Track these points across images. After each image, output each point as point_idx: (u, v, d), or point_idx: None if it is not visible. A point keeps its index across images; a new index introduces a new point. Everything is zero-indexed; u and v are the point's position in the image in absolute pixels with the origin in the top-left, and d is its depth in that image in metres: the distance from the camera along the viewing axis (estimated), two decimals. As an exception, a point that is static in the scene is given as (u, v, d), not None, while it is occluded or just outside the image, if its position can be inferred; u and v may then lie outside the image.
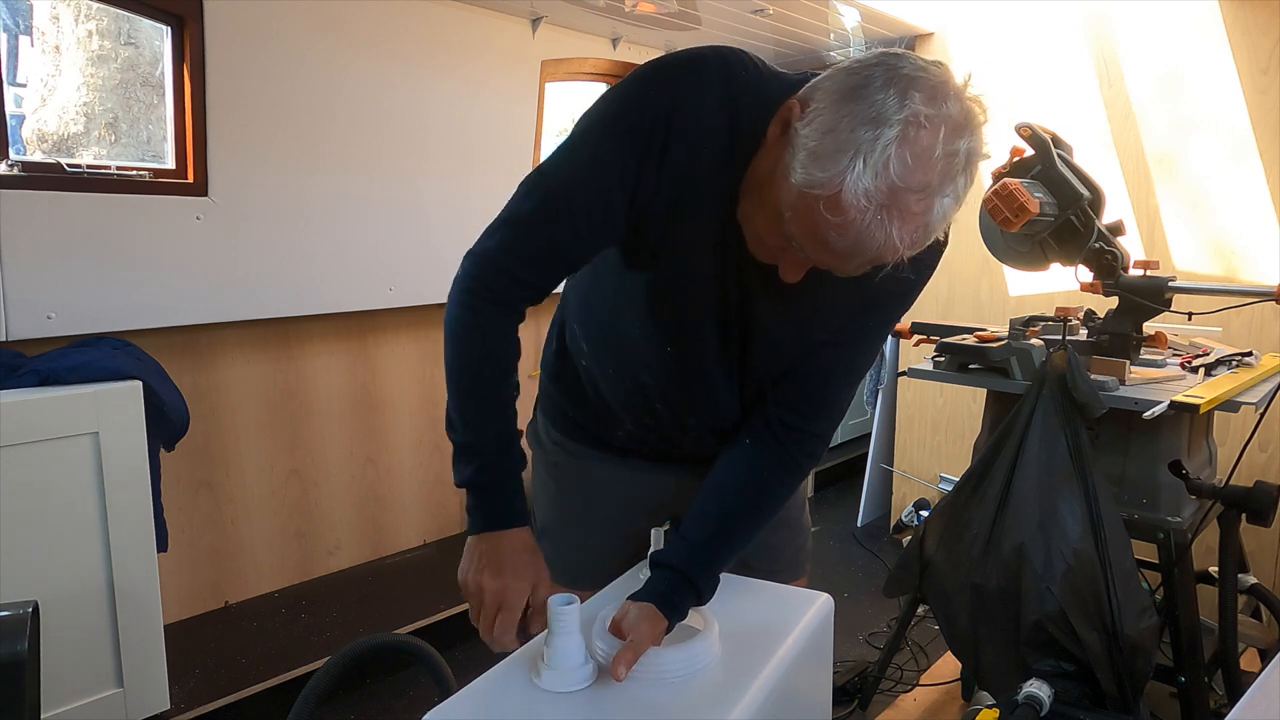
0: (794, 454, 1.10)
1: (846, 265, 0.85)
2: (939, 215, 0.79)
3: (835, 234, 0.80)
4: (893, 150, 0.75)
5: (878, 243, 0.79)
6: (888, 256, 0.81)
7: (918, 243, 0.81)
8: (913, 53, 0.82)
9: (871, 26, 3.15)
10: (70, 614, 1.85)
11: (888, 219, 0.77)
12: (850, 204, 0.77)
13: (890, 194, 0.76)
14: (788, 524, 1.33)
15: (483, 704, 0.92)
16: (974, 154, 0.79)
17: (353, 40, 2.49)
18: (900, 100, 0.76)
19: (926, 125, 0.76)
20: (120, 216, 2.16)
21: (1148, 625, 1.63)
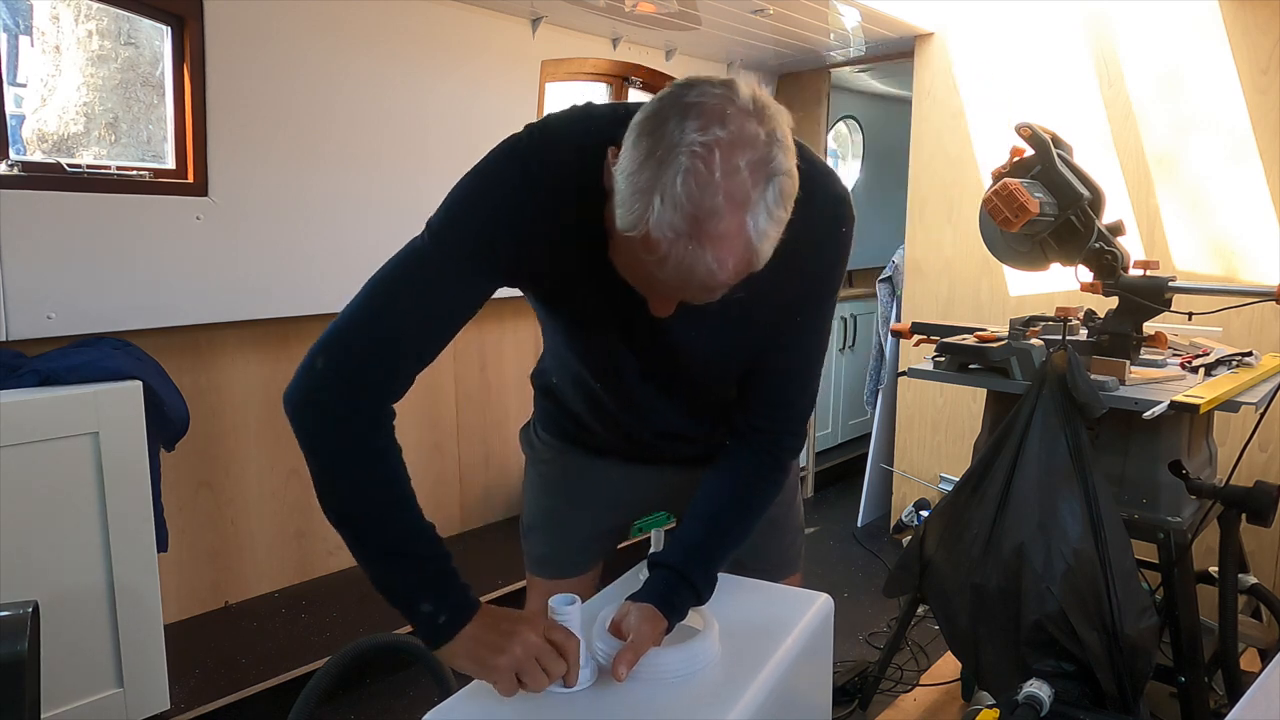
0: (770, 453, 1.13)
1: (690, 297, 0.87)
2: (755, 231, 0.80)
3: (658, 270, 0.82)
4: (680, 182, 0.77)
5: (701, 272, 0.80)
6: (720, 281, 0.82)
7: (747, 261, 0.82)
8: (706, 77, 0.83)
9: (871, 26, 3.15)
10: (70, 614, 1.85)
11: (699, 248, 0.79)
12: (660, 241, 0.79)
13: (692, 224, 0.78)
14: (775, 522, 1.34)
15: (482, 704, 0.92)
16: (761, 166, 0.79)
17: (353, 40, 2.49)
18: (680, 132, 0.78)
19: (703, 151, 0.77)
20: (120, 216, 2.16)
21: (1148, 625, 1.63)
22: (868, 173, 4.75)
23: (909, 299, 3.39)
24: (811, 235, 0.98)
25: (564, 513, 1.36)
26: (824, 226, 1.01)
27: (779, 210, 0.81)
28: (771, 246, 0.83)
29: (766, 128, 0.80)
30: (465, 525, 3.25)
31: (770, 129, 0.81)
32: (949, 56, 3.18)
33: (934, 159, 3.26)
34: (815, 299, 1.07)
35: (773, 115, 0.82)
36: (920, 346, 2.24)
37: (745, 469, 1.12)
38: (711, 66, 3.60)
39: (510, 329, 3.17)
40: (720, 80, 0.82)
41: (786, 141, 0.82)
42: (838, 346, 4.32)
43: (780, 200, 0.81)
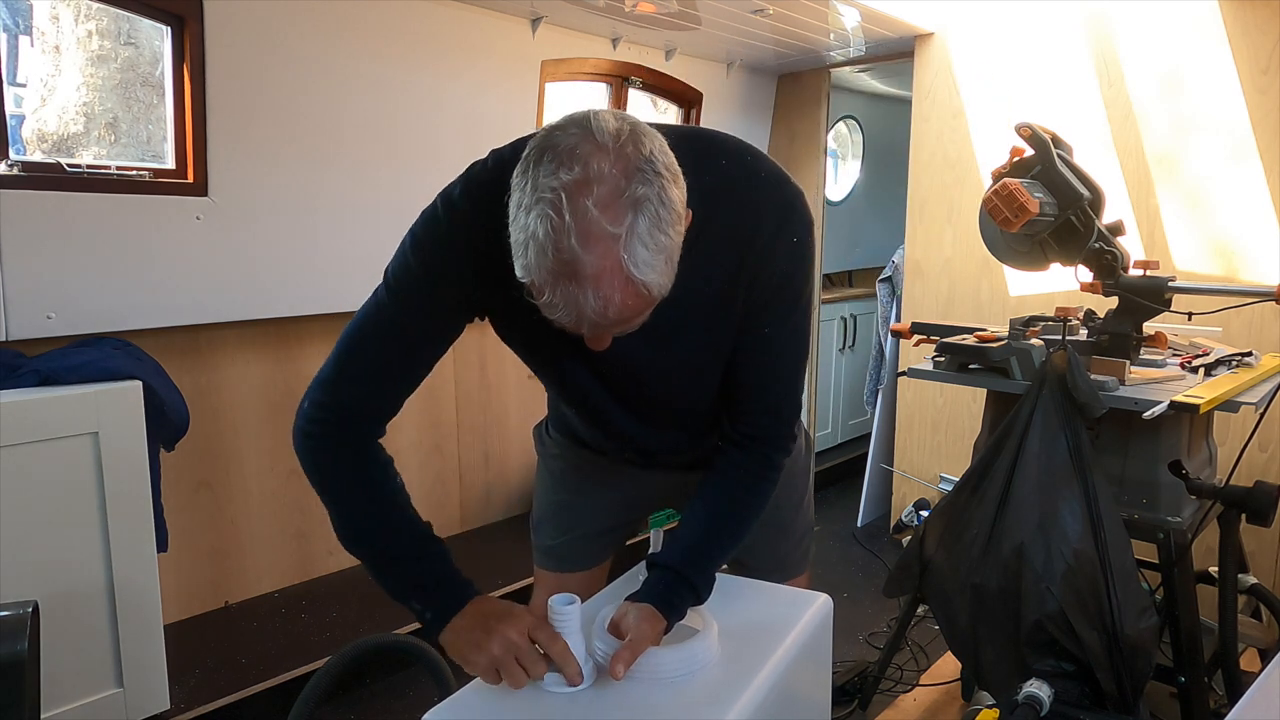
0: (761, 455, 1.14)
1: (606, 332, 0.88)
2: (632, 263, 0.80)
3: (550, 313, 0.83)
4: (540, 229, 0.79)
5: (590, 311, 0.81)
6: (616, 316, 0.82)
7: (635, 293, 0.81)
8: (577, 114, 0.83)
9: (871, 26, 3.15)
10: (70, 614, 1.85)
11: (579, 288, 0.80)
12: (542, 286, 0.81)
13: (560, 267, 0.79)
14: (783, 526, 1.35)
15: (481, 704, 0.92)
16: (613, 200, 0.79)
17: (352, 40, 2.49)
18: (538, 177, 0.80)
19: (553, 196, 0.78)
20: (120, 216, 2.16)
21: (1148, 625, 1.63)
22: (868, 173, 4.75)
23: (909, 299, 3.39)
24: (757, 243, 1.00)
25: (573, 506, 1.38)
26: (774, 233, 1.01)
27: (658, 236, 0.81)
28: (662, 273, 0.82)
29: (624, 161, 0.80)
30: (465, 525, 3.25)
31: (629, 162, 0.80)
32: (949, 56, 3.18)
33: (934, 159, 3.26)
34: (779, 310, 1.06)
35: (635, 145, 0.81)
36: (920, 346, 2.24)
37: (739, 471, 1.13)
38: (711, 66, 3.60)
39: (510, 329, 3.17)
40: (584, 116, 0.83)
41: (656, 168, 0.81)
42: (837, 346, 4.32)
43: (655, 226, 0.80)
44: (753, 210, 1.01)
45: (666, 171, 0.82)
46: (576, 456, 1.36)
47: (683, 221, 0.85)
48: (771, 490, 1.15)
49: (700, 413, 1.18)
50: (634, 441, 1.24)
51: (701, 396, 1.15)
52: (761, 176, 1.02)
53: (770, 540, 1.33)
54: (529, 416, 1.47)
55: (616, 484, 1.35)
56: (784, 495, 1.32)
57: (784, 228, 1.02)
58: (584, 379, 1.11)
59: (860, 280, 4.88)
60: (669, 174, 0.83)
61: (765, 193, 1.02)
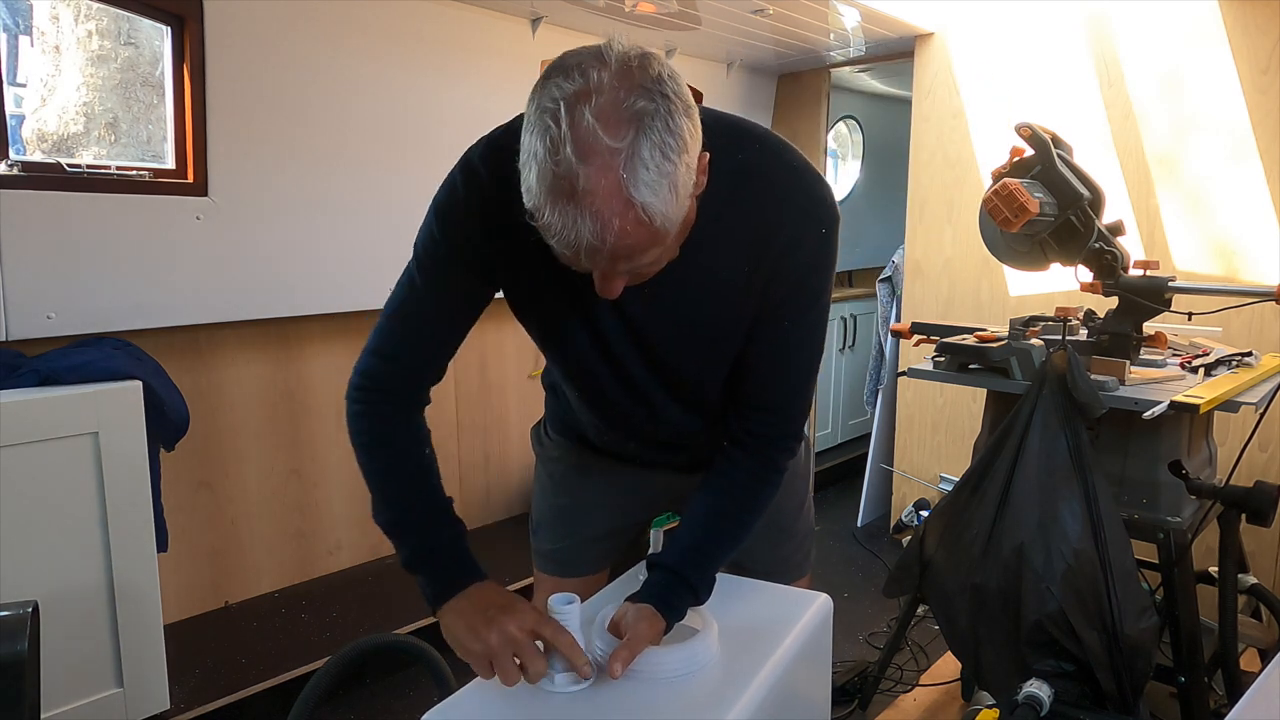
0: (766, 456, 1.13)
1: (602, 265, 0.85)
2: (631, 181, 0.77)
3: (555, 242, 0.81)
4: (538, 145, 0.77)
5: (586, 235, 0.78)
6: (614, 243, 0.79)
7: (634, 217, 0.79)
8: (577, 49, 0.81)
9: (871, 26, 3.15)
10: (70, 614, 1.85)
11: (574, 208, 0.77)
12: (542, 206, 0.79)
13: (556, 184, 0.77)
14: (784, 528, 1.35)
15: (481, 704, 0.92)
16: (614, 112, 0.76)
17: (352, 40, 2.49)
18: (541, 96, 0.79)
19: (552, 107, 0.77)
20: (120, 216, 2.16)
21: (1148, 625, 1.63)
22: (868, 173, 4.75)
23: (909, 299, 3.39)
24: (785, 230, 0.99)
25: (573, 510, 1.36)
26: (800, 224, 1.00)
27: (662, 161, 0.78)
28: (666, 201, 0.79)
29: (628, 77, 0.78)
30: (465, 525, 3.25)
31: (633, 78, 0.78)
32: (949, 56, 3.18)
33: (934, 159, 3.26)
34: (799, 304, 1.05)
35: (643, 66, 0.79)
36: (920, 346, 2.24)
37: (741, 472, 1.12)
38: (711, 66, 3.60)
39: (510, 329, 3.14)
40: (600, 43, 0.81)
41: (664, 90, 0.79)
42: (837, 346, 4.32)
43: (660, 150, 0.78)
44: (781, 198, 0.99)
45: (676, 98, 0.80)
46: (576, 457, 1.34)
47: (693, 156, 0.82)
48: (774, 493, 1.14)
49: (705, 402, 1.16)
50: (635, 430, 1.21)
51: (708, 381, 1.13)
52: (794, 167, 1.01)
53: (771, 542, 1.32)
54: (529, 416, 1.46)
55: (617, 487, 1.33)
56: (785, 497, 1.30)
57: (812, 222, 1.01)
58: (593, 357, 1.09)
59: (860, 280, 4.87)
60: (679, 101, 0.80)
61: (795, 182, 1.00)
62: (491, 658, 0.90)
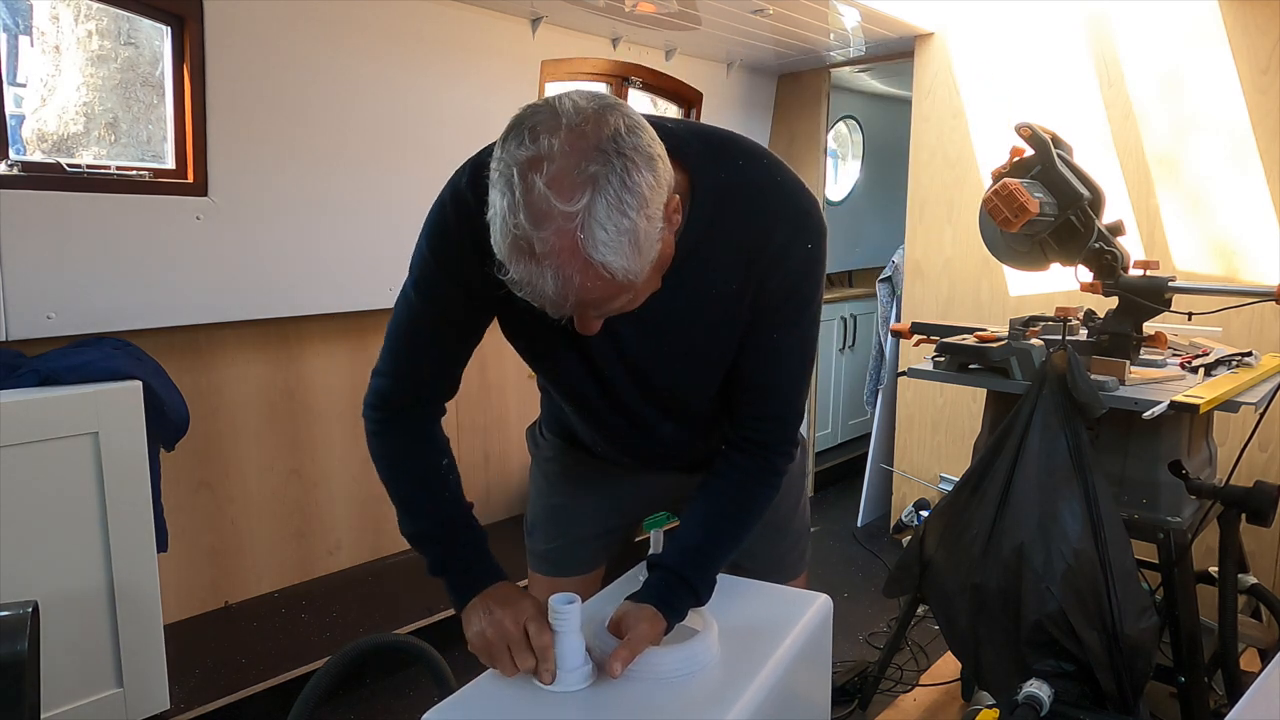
0: (763, 459, 1.13)
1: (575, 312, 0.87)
2: (588, 241, 0.78)
3: (518, 291, 0.83)
4: (500, 206, 0.79)
5: (551, 290, 0.80)
6: (581, 297, 0.82)
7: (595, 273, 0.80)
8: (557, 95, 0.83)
9: (871, 26, 3.15)
10: (70, 614, 1.85)
11: (537, 266, 0.79)
12: (506, 263, 0.81)
13: (516, 245, 0.79)
14: (780, 527, 1.35)
15: (481, 704, 0.92)
16: (566, 178, 0.77)
17: (352, 40, 2.49)
18: (500, 156, 0.80)
19: (507, 172, 0.79)
20: (120, 216, 2.16)
21: (1148, 625, 1.63)
22: (868, 173, 4.75)
23: (909, 299, 3.39)
24: (771, 243, 1.00)
25: (567, 510, 1.37)
26: (787, 236, 1.00)
27: (619, 218, 0.79)
28: (627, 257, 0.80)
29: (580, 139, 0.78)
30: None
31: (585, 140, 0.78)
32: (949, 56, 3.18)
33: (934, 159, 3.26)
34: (787, 316, 1.05)
35: (597, 125, 0.79)
36: (920, 346, 2.24)
37: (740, 475, 1.12)
38: (711, 66, 3.60)
39: (510, 329, 3.17)
40: (562, 94, 0.82)
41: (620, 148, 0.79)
42: (837, 346, 4.32)
43: (618, 210, 0.78)
44: (767, 214, 1.00)
45: (634, 153, 0.80)
46: (571, 458, 1.34)
47: (656, 207, 0.82)
48: (773, 495, 1.15)
49: (698, 415, 1.17)
50: (630, 443, 1.23)
51: (700, 398, 1.14)
52: (778, 181, 1.02)
53: (767, 542, 1.32)
54: (528, 417, 1.46)
55: (612, 487, 1.34)
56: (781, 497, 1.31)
57: (798, 234, 1.01)
58: (582, 377, 1.11)
59: (860, 280, 4.87)
60: (637, 156, 0.80)
61: (781, 198, 1.01)
62: (484, 649, 0.97)
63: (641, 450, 1.24)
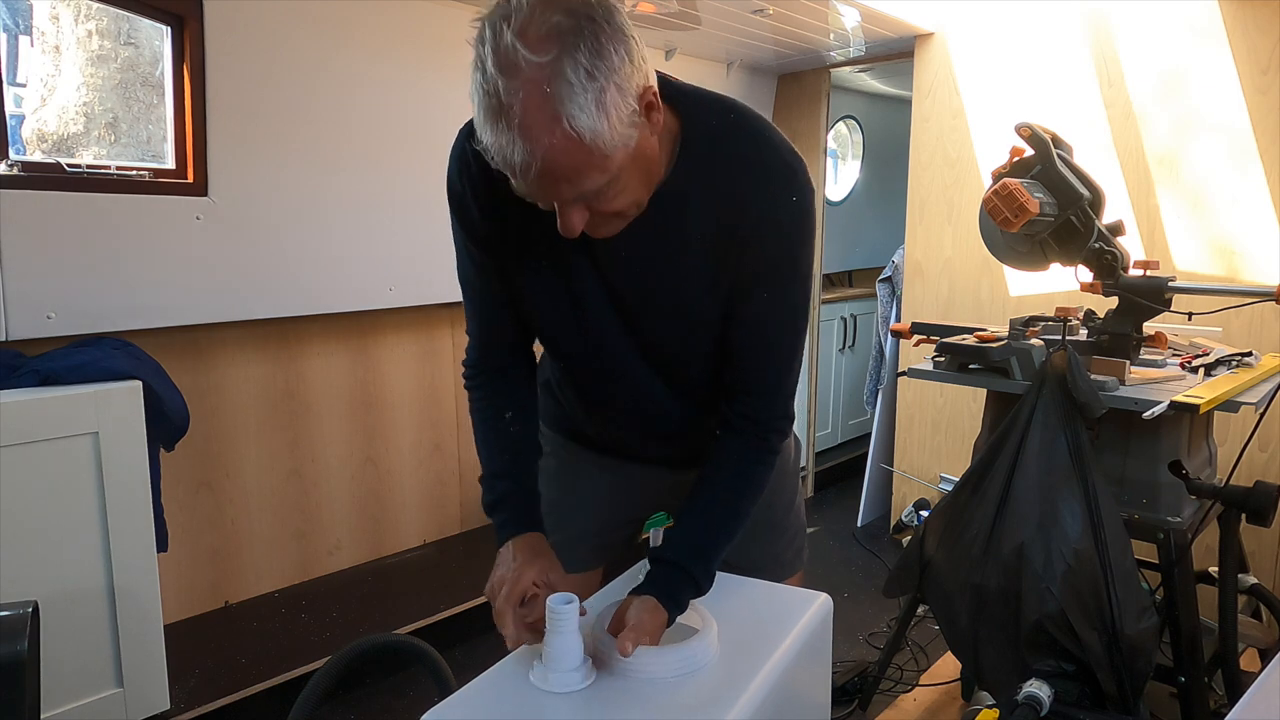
0: (758, 437, 1.13)
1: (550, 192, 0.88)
2: (559, 94, 0.79)
3: (498, 166, 0.85)
4: (473, 72, 0.83)
5: (519, 158, 0.82)
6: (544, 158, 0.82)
7: (563, 135, 0.81)
8: None
9: (871, 26, 3.15)
10: (70, 614, 1.85)
11: (507, 124, 0.81)
12: (482, 133, 0.84)
13: (488, 101, 0.81)
14: (775, 525, 1.35)
15: (481, 704, 0.92)
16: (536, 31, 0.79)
17: (353, 40, 2.49)
18: (476, 24, 0.83)
19: (479, 32, 0.82)
20: (120, 216, 2.16)
21: (1148, 625, 1.63)
22: (868, 173, 4.75)
23: (909, 299, 3.40)
24: (757, 198, 1.00)
25: (562, 506, 1.36)
26: (772, 192, 1.01)
27: (586, 80, 0.80)
28: (595, 118, 0.81)
29: (558, 6, 0.80)
30: (465, 525, 3.25)
31: (563, 3, 0.80)
32: (949, 56, 3.18)
33: (934, 159, 3.26)
34: (777, 279, 1.05)
35: None
36: (920, 346, 2.24)
37: (735, 456, 1.12)
38: (711, 66, 3.60)
39: (510, 329, 3.17)
40: None
41: (591, 13, 0.81)
42: (837, 346, 4.32)
43: (586, 70, 0.80)
44: (753, 165, 1.01)
45: (607, 24, 0.82)
46: (567, 453, 1.35)
47: (627, 81, 0.84)
48: (768, 475, 1.14)
49: (689, 381, 1.16)
50: (624, 414, 1.22)
51: (688, 356, 1.13)
52: (768, 135, 1.03)
53: (763, 541, 1.32)
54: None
55: (608, 484, 1.34)
56: (775, 495, 1.32)
57: (785, 187, 1.01)
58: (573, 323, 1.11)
59: (860, 280, 4.87)
60: (608, 27, 0.82)
61: (770, 150, 1.02)
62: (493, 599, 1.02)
63: (635, 423, 1.23)
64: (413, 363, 3.01)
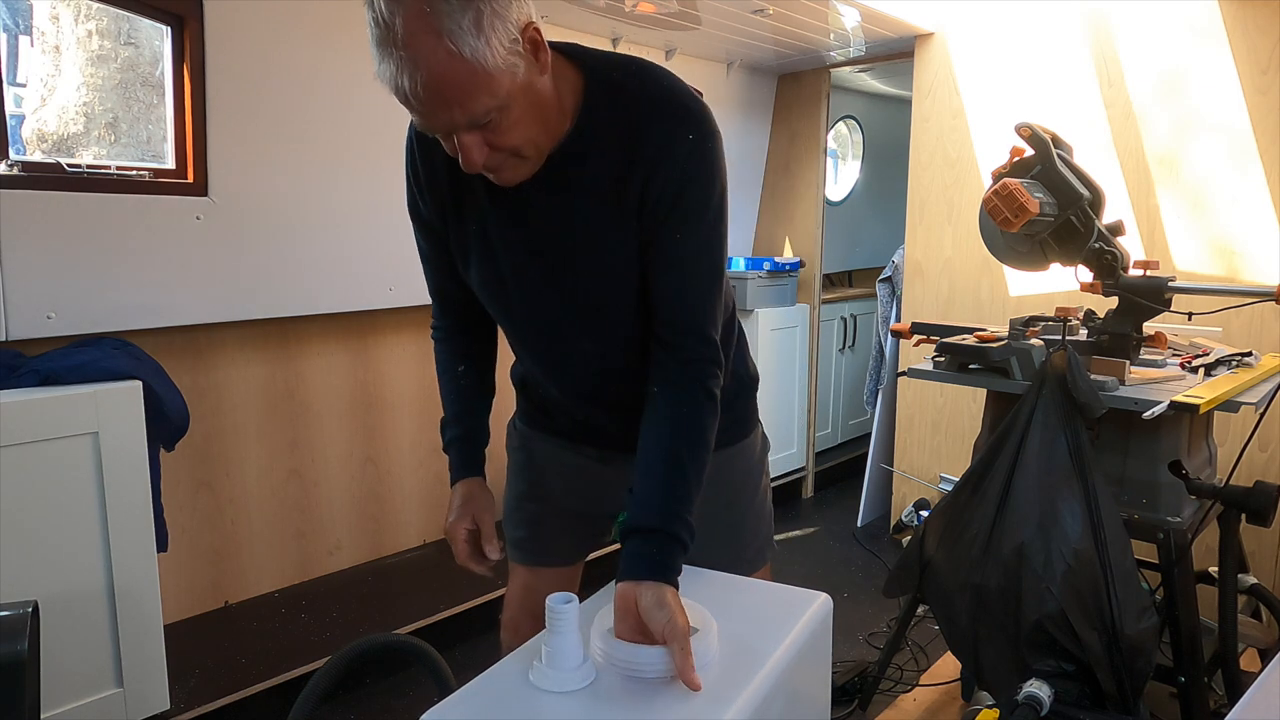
0: (692, 379, 1.11)
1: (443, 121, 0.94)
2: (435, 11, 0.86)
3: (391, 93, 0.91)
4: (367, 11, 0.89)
5: (406, 85, 0.89)
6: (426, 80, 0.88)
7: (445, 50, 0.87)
8: None
9: (871, 26, 3.15)
10: (70, 614, 1.85)
11: (394, 48, 0.87)
12: (376, 62, 0.90)
13: (379, 37, 0.88)
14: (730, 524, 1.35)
15: (481, 703, 0.92)
16: None
17: (353, 40, 2.49)
18: None
19: None
20: (120, 216, 2.16)
21: (1148, 625, 1.63)
22: (868, 173, 4.75)
23: (909, 299, 3.40)
24: (653, 137, 1.04)
25: (532, 497, 1.40)
26: (668, 131, 1.04)
27: (463, 3, 0.87)
28: (472, 35, 0.88)
29: None
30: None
31: None
32: (949, 56, 3.19)
33: (934, 159, 3.26)
34: (684, 216, 1.07)
35: None
36: (920, 346, 2.24)
37: (673, 406, 1.10)
38: (711, 66, 3.60)
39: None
40: None
41: None
42: (837, 346, 4.32)
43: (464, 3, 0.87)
44: (646, 104, 1.05)
45: None
46: (534, 445, 1.39)
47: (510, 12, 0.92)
48: (713, 418, 1.11)
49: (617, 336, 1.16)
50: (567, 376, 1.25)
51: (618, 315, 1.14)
52: (666, 83, 1.07)
53: (725, 542, 1.32)
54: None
55: (576, 474, 1.36)
56: (737, 496, 1.34)
57: (679, 126, 1.05)
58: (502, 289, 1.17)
59: (860, 280, 4.87)
60: None
61: (664, 95, 1.06)
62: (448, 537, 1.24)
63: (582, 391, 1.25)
64: (413, 363, 3.01)
